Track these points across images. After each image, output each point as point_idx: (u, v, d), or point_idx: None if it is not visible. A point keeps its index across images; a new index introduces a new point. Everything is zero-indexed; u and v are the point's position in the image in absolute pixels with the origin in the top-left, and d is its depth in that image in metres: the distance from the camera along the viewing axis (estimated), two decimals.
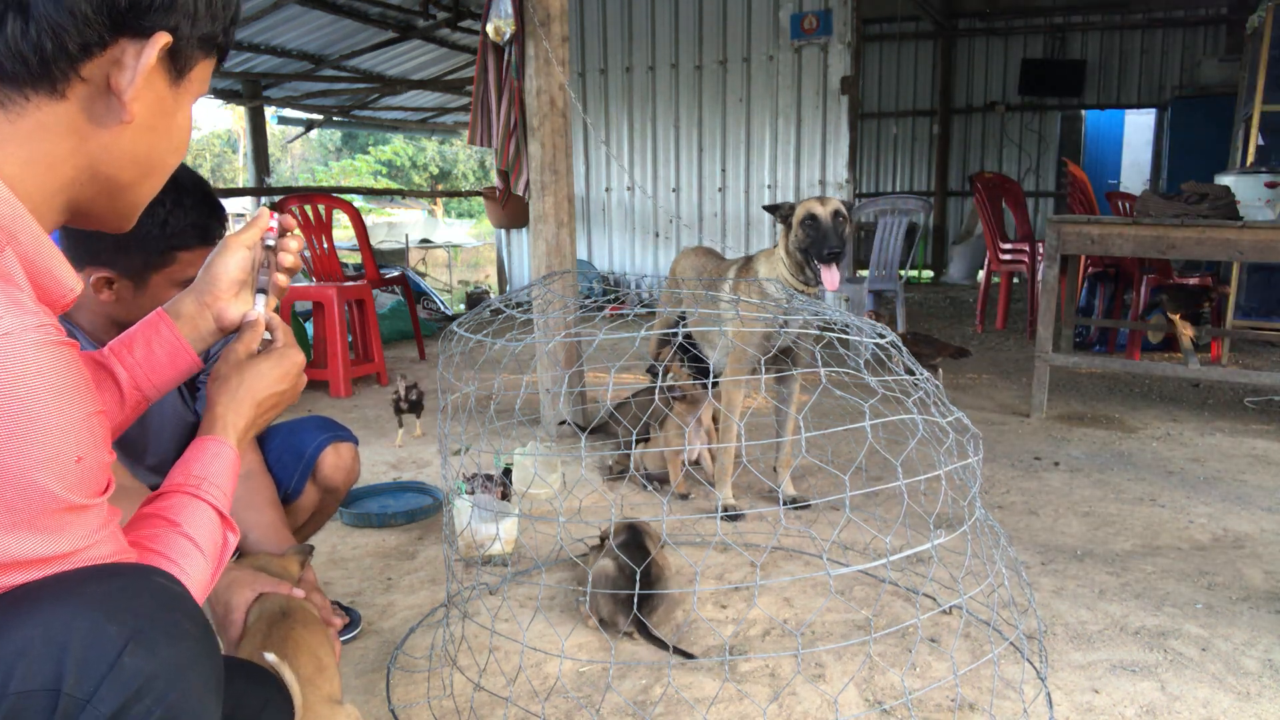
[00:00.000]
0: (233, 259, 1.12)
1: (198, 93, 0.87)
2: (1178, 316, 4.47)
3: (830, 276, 2.65)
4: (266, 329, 1.15)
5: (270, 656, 1.12)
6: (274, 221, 1.15)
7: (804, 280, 2.73)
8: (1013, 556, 1.95)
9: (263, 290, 1.16)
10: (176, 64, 0.81)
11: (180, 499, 0.95)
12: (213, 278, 1.12)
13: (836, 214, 2.69)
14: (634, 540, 2.02)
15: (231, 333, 1.14)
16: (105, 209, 0.85)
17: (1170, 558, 2.43)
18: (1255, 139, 5.60)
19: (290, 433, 1.85)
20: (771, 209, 2.82)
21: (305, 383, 1.18)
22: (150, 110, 0.81)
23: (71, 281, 0.79)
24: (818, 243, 2.66)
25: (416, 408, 3.67)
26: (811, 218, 2.68)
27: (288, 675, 1.10)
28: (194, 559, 0.90)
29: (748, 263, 2.97)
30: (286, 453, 1.81)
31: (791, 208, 2.74)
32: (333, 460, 1.84)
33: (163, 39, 0.77)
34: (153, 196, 0.89)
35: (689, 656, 1.88)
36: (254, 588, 1.33)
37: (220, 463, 1.01)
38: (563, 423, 3.65)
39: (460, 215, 18.54)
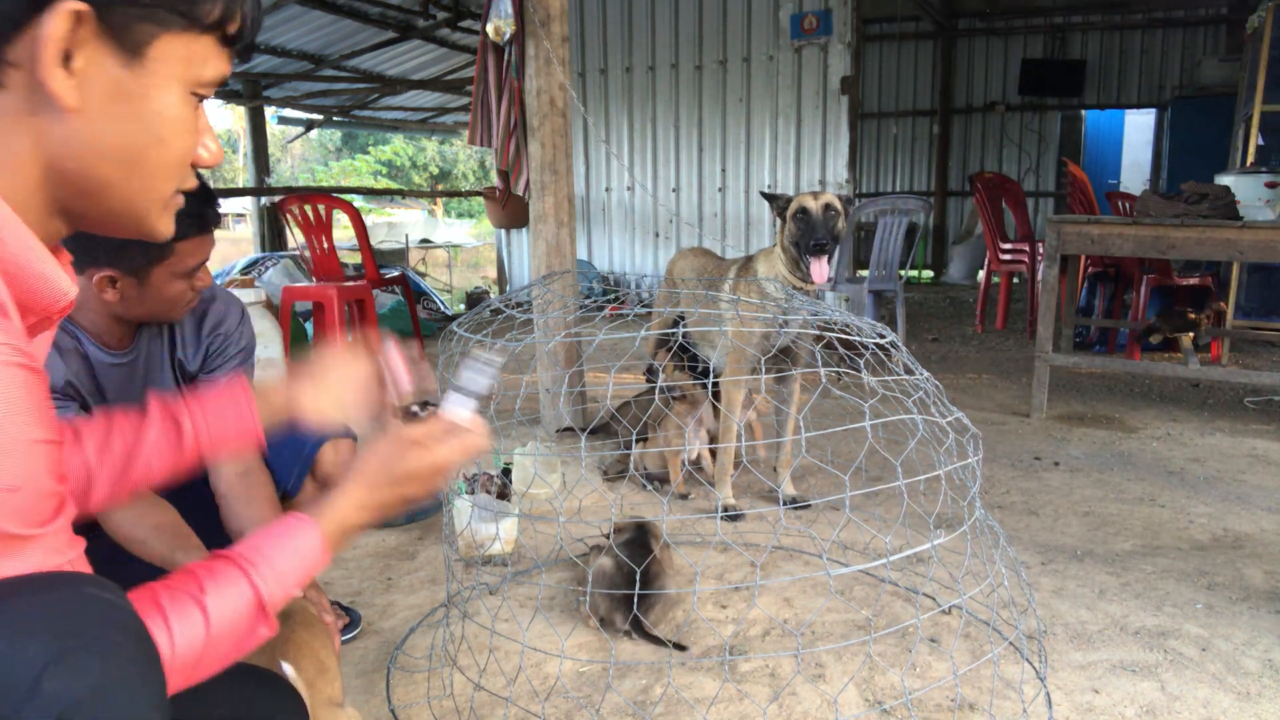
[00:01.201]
0: (355, 370, 1.16)
1: (180, 76, 0.76)
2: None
3: (818, 269, 2.63)
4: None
5: (288, 668, 1.12)
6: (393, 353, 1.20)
7: (800, 276, 2.73)
8: (1012, 556, 1.95)
9: (464, 393, 1.10)
10: (121, 40, 0.72)
11: (225, 567, 0.85)
12: (322, 382, 1.14)
13: (828, 207, 2.68)
14: (638, 539, 2.03)
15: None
16: (96, 211, 0.79)
17: (1170, 558, 2.43)
18: (1255, 139, 5.60)
19: (289, 430, 1.85)
20: (770, 198, 2.81)
21: (441, 485, 1.06)
22: (103, 96, 0.72)
23: (65, 286, 0.75)
24: (806, 235, 2.65)
25: None
26: (803, 211, 2.68)
27: (301, 685, 1.10)
28: (190, 627, 0.78)
29: (747, 262, 2.97)
30: (286, 449, 1.81)
31: (788, 201, 2.74)
32: (332, 457, 1.84)
33: (64, 6, 0.67)
34: (159, 194, 0.80)
35: (681, 648, 1.88)
36: None
37: (294, 551, 0.90)
38: (567, 429, 3.63)
39: (460, 215, 18.55)
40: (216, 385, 1.11)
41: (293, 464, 1.80)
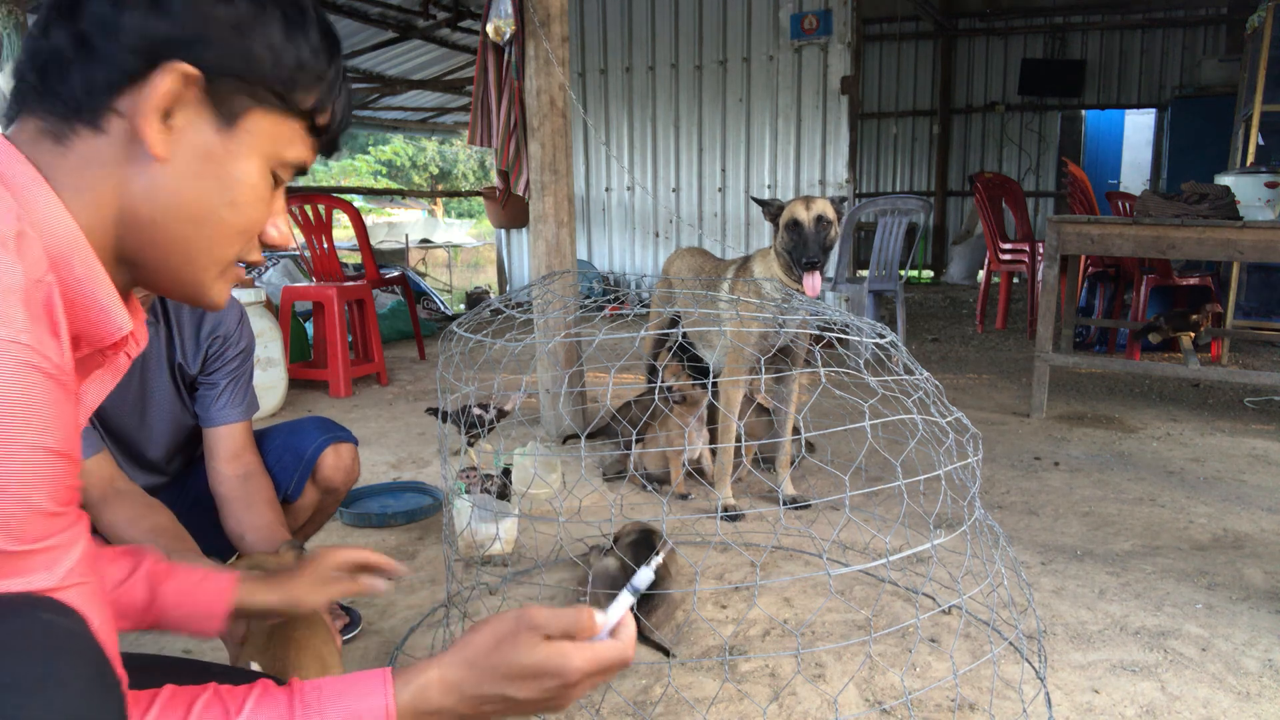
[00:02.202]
0: (348, 556, 1.20)
1: (265, 151, 0.81)
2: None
3: (811, 284, 2.63)
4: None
5: (255, 667, 1.12)
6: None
7: (795, 280, 2.72)
8: (1012, 556, 1.95)
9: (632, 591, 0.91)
10: (221, 108, 0.78)
11: (276, 698, 0.77)
12: (318, 573, 1.18)
13: (820, 219, 2.64)
14: (644, 541, 2.03)
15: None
16: (158, 264, 0.81)
17: (1170, 558, 2.43)
18: (1255, 139, 5.60)
19: (290, 433, 1.84)
20: (761, 203, 2.80)
21: (563, 704, 0.85)
22: (192, 154, 0.78)
23: (122, 321, 0.77)
24: (798, 249, 2.64)
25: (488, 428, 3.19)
26: (794, 223, 2.66)
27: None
28: None
29: (745, 263, 2.96)
30: (286, 454, 1.81)
31: (780, 208, 2.72)
32: (333, 461, 1.84)
33: (177, 67, 0.74)
34: (221, 257, 0.83)
35: (666, 653, 1.88)
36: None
37: (354, 710, 0.78)
38: (572, 436, 3.62)
39: (460, 215, 18.54)
40: (200, 574, 1.10)
41: (293, 468, 1.80)
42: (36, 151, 0.74)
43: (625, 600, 0.88)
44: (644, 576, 0.91)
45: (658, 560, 0.94)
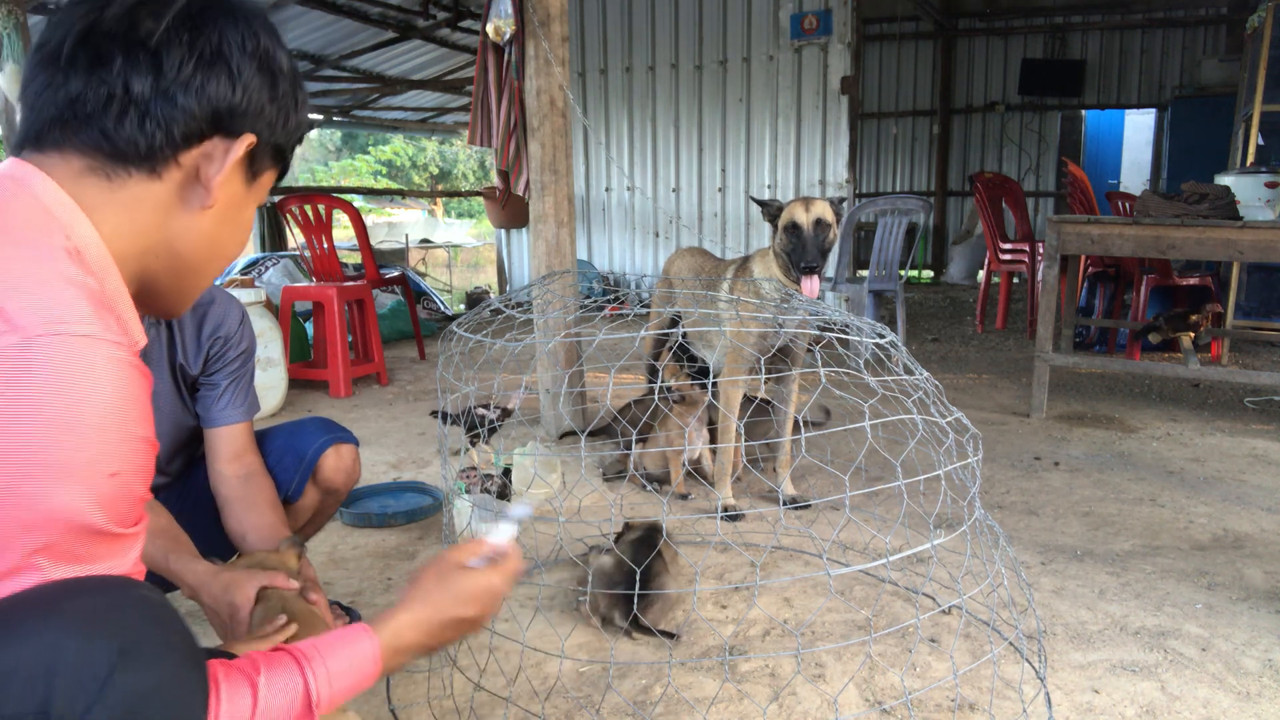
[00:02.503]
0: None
1: (259, 199, 0.98)
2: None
3: (809, 286, 2.63)
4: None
5: None
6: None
7: (794, 280, 2.72)
8: (1012, 556, 1.95)
9: (510, 519, 1.21)
10: (253, 166, 0.94)
11: (282, 658, 0.89)
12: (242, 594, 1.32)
13: (819, 222, 2.64)
14: (645, 538, 2.04)
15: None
16: (169, 287, 0.94)
17: (1170, 558, 2.43)
18: (1255, 139, 5.59)
19: (291, 434, 1.84)
20: (761, 204, 2.79)
21: (494, 611, 1.14)
22: (227, 202, 0.92)
23: (138, 334, 0.84)
24: (796, 253, 2.64)
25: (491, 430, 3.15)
26: (793, 225, 2.65)
27: None
28: (239, 704, 0.81)
29: (744, 263, 2.96)
30: (287, 454, 1.81)
31: (779, 209, 2.72)
32: (333, 462, 1.84)
33: (247, 139, 0.89)
34: (206, 282, 0.98)
35: (670, 636, 1.88)
36: (253, 584, 1.33)
37: (350, 655, 0.94)
38: (570, 432, 3.62)
39: (460, 215, 18.54)
40: None
41: (294, 469, 1.80)
42: (81, 188, 0.83)
43: (507, 528, 1.19)
44: (520, 510, 1.22)
45: (528, 511, 1.22)
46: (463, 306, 8.76)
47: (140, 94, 0.82)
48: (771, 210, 2.74)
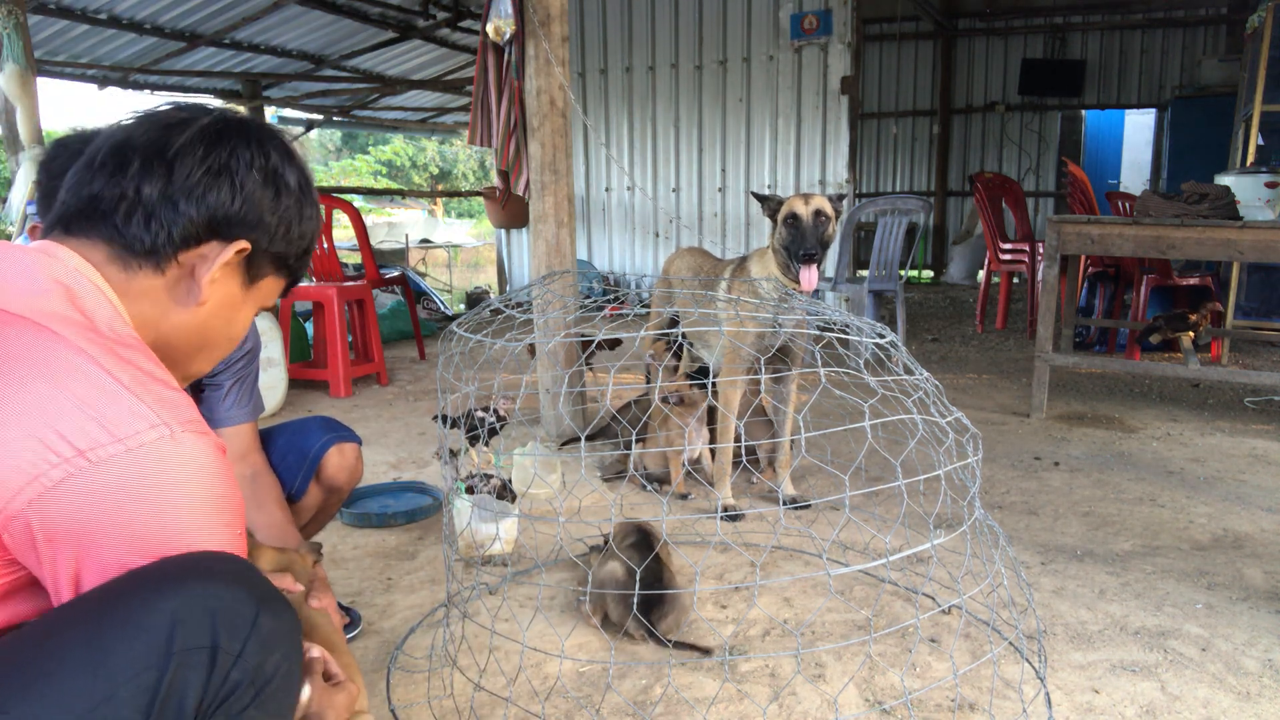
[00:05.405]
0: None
1: (261, 302, 1.06)
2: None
3: (808, 277, 2.63)
4: None
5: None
6: None
7: (792, 277, 2.72)
8: (1012, 556, 1.95)
9: None
10: (250, 271, 1.01)
11: None
12: None
13: (818, 213, 2.66)
14: (642, 542, 2.02)
15: None
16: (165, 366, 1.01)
17: (1170, 558, 2.43)
18: (1255, 139, 5.59)
19: (294, 433, 1.85)
20: (761, 199, 2.80)
21: None
22: (221, 301, 1.00)
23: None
24: (796, 242, 2.65)
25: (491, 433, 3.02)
26: (793, 216, 2.67)
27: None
28: None
29: (742, 262, 2.96)
30: (290, 453, 1.82)
31: (779, 204, 2.73)
32: (337, 461, 1.84)
33: (239, 245, 0.96)
34: (196, 371, 1.06)
35: (706, 653, 1.88)
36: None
37: None
38: (572, 439, 3.61)
39: (460, 215, 18.54)
40: None
41: (297, 468, 1.81)
42: (109, 272, 0.94)
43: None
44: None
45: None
46: (463, 306, 8.76)
47: (148, 197, 0.93)
48: (771, 205, 2.75)
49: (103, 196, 0.93)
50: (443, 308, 7.89)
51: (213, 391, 1.70)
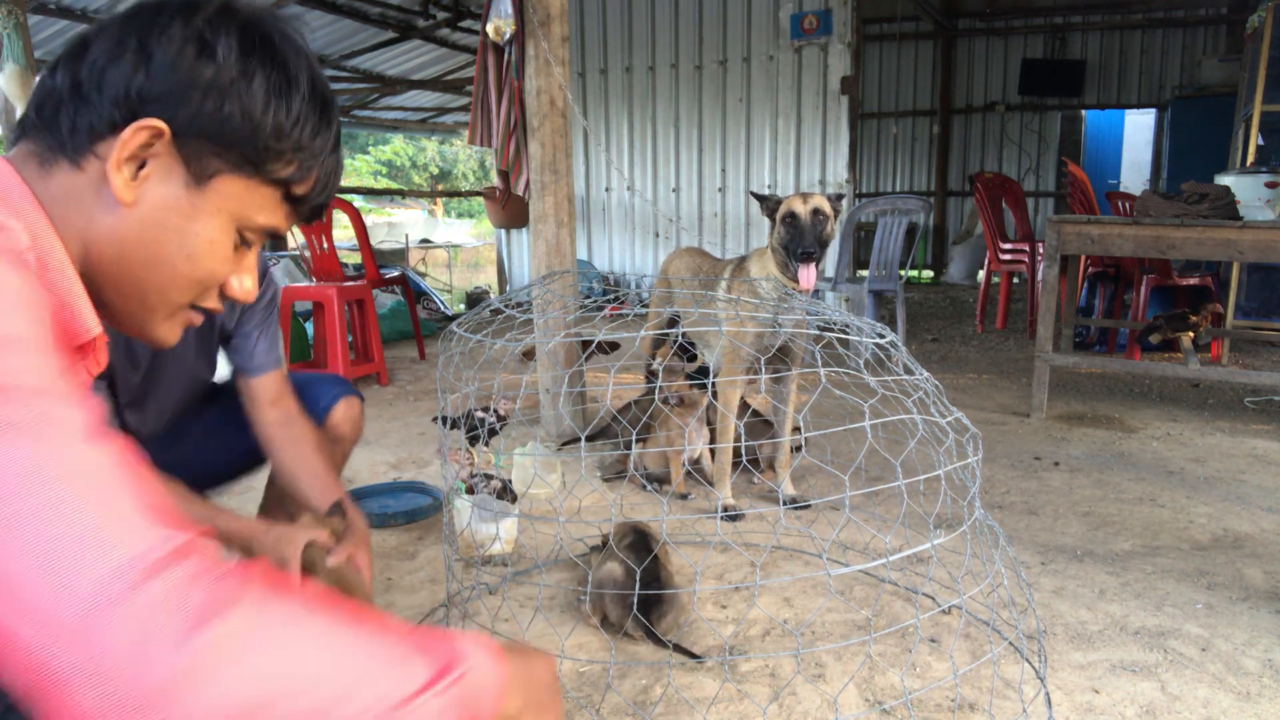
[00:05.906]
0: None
1: (232, 211, 0.85)
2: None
3: (806, 276, 2.63)
4: None
5: None
6: None
7: (791, 277, 2.72)
8: (1012, 556, 1.95)
9: None
10: (192, 166, 0.81)
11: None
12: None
13: (816, 212, 2.66)
14: (640, 542, 2.02)
15: None
16: (114, 298, 0.85)
17: (1170, 558, 2.43)
18: (1255, 139, 5.59)
19: (305, 385, 1.91)
20: (760, 198, 2.81)
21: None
22: (156, 205, 0.82)
23: (92, 323, 0.80)
24: (794, 241, 2.65)
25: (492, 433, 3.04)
26: (791, 215, 2.67)
27: None
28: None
29: (741, 262, 2.96)
30: (303, 401, 1.86)
31: (777, 203, 2.74)
32: (344, 411, 1.91)
33: (148, 123, 0.78)
34: (169, 302, 0.87)
35: (695, 657, 1.88)
36: (303, 538, 1.41)
37: None
38: (572, 440, 3.61)
39: (460, 215, 18.54)
40: None
41: (309, 414, 1.86)
42: (24, 169, 0.80)
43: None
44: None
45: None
46: (463, 306, 8.76)
47: (60, 83, 0.80)
48: (770, 204, 2.75)
49: (30, 99, 0.83)
50: (443, 308, 7.89)
51: (242, 341, 1.73)
